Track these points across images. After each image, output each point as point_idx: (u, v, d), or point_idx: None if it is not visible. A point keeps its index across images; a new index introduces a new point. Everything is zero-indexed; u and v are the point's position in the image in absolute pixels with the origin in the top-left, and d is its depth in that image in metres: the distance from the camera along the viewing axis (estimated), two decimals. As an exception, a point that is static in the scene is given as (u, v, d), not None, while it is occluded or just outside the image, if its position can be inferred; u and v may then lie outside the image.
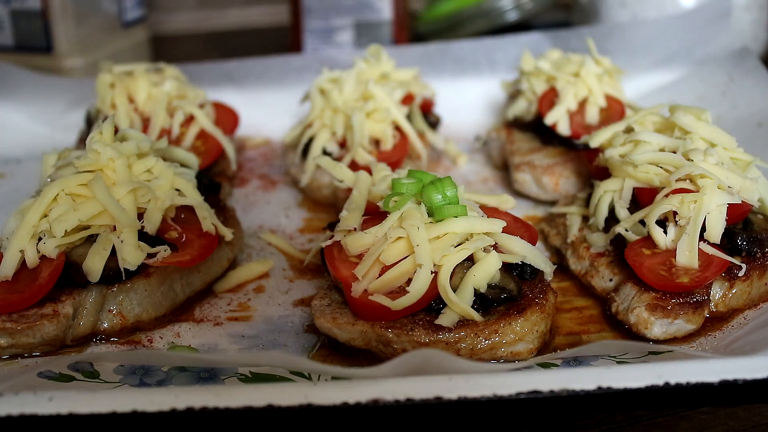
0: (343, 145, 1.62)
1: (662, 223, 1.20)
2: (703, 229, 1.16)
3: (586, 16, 2.37)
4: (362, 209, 1.22)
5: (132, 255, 1.15)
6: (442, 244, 1.09)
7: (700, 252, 1.16)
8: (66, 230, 1.12)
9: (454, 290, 1.07)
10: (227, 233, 1.30)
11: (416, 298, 1.06)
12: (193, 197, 1.26)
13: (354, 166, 1.47)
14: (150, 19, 2.66)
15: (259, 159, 1.86)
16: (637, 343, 1.15)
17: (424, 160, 1.67)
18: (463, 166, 1.80)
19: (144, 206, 1.20)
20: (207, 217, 1.26)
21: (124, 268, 1.15)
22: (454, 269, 1.08)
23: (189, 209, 1.28)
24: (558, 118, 1.61)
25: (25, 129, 1.91)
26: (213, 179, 1.48)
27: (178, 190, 1.26)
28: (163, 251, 1.19)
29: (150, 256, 1.18)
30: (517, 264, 1.14)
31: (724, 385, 0.93)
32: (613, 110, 1.62)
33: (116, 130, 1.27)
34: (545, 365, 1.08)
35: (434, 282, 1.07)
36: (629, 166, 1.26)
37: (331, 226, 1.27)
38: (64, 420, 0.90)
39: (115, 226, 1.16)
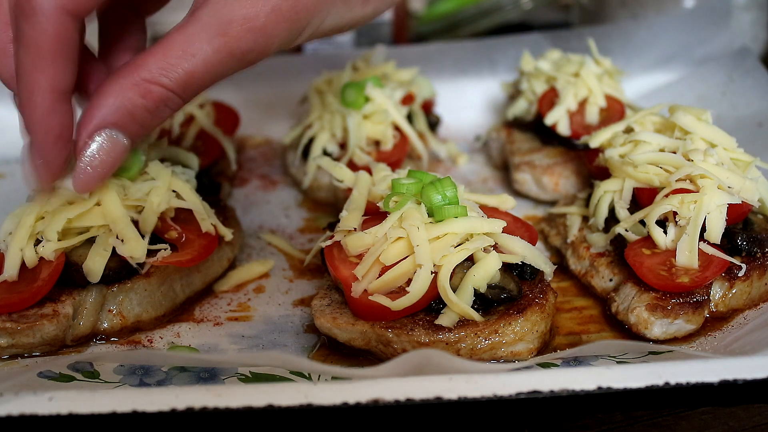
0: (343, 146, 1.61)
1: (662, 223, 1.20)
2: (703, 229, 1.16)
3: (586, 16, 2.37)
4: (362, 209, 1.22)
5: (136, 249, 1.15)
6: (442, 244, 1.09)
7: (700, 252, 1.16)
8: (58, 231, 1.11)
9: (454, 290, 1.07)
10: (227, 233, 1.29)
11: (416, 298, 1.06)
12: (191, 200, 1.25)
13: (352, 167, 1.47)
14: (150, 18, 2.65)
15: (259, 159, 1.85)
16: (637, 343, 1.15)
17: (424, 161, 1.67)
18: (463, 166, 1.80)
19: (141, 204, 1.19)
20: (206, 218, 1.25)
21: (125, 268, 1.15)
22: (454, 269, 1.08)
23: (189, 209, 1.27)
24: (558, 118, 1.61)
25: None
26: (213, 179, 1.48)
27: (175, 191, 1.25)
28: (163, 251, 1.19)
29: (150, 255, 1.18)
30: (517, 264, 1.14)
31: (724, 385, 0.93)
32: (613, 110, 1.62)
33: (116, 130, 1.27)
34: (545, 365, 1.08)
35: (434, 282, 1.07)
36: (629, 166, 1.26)
37: (331, 226, 1.27)
38: (64, 420, 0.90)
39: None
